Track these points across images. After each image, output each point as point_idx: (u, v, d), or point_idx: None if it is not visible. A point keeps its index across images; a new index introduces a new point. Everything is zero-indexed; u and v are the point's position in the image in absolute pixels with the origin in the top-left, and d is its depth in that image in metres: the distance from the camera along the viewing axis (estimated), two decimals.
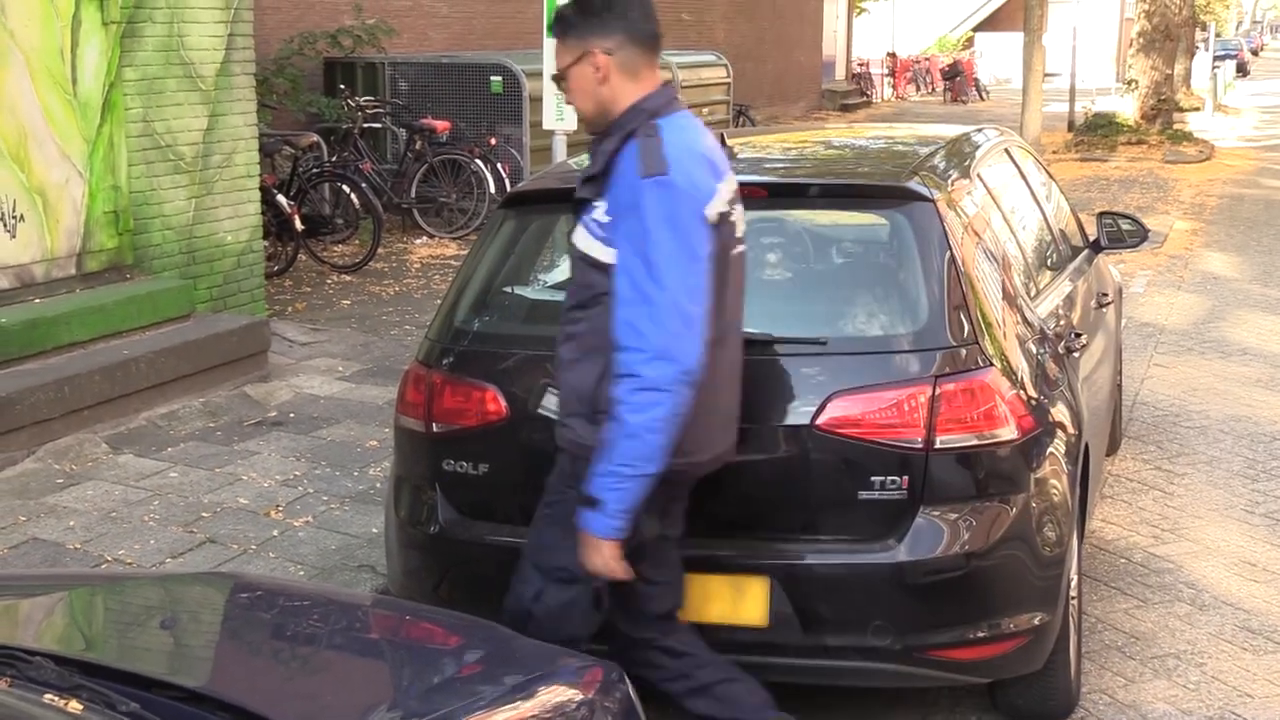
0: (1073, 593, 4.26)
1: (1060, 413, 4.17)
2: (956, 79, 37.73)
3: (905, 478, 3.69)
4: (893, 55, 39.77)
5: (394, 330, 9.29)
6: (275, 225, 10.51)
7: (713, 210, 3.29)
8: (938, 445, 3.69)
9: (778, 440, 3.76)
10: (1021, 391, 3.91)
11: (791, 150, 5.38)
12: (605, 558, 3.25)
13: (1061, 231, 5.73)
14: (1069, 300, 5.08)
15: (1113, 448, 6.60)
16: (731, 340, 3.44)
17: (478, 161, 12.64)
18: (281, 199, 10.48)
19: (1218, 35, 46.06)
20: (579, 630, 3.41)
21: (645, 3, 3.40)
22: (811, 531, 3.76)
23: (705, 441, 3.40)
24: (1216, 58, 35.32)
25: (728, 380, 3.45)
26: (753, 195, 4.23)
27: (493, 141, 13.06)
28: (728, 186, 3.40)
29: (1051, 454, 3.99)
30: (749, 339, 3.82)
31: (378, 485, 6.13)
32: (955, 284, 3.85)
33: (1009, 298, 4.20)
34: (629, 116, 3.34)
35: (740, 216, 3.46)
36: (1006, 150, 5.41)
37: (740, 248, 3.47)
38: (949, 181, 4.32)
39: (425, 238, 12.91)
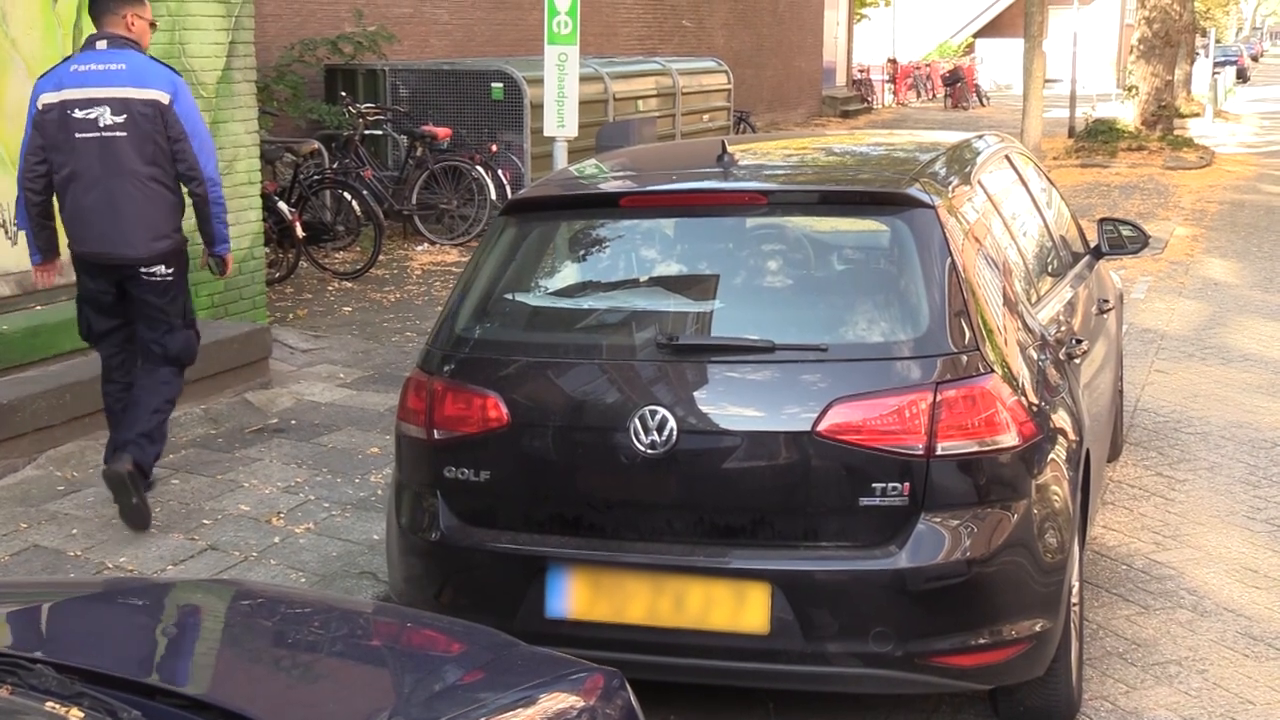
0: (1074, 599, 4.26)
1: (1061, 419, 4.18)
2: (957, 85, 37.74)
3: (906, 484, 3.69)
4: (893, 61, 39.79)
5: (395, 337, 9.30)
6: (276, 232, 10.52)
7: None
8: (939, 452, 3.69)
9: (779, 447, 3.76)
10: (1022, 398, 3.91)
11: (792, 157, 5.39)
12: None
13: (1062, 238, 5.73)
14: (1070, 306, 5.08)
15: (1114, 454, 6.60)
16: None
17: (479, 168, 12.65)
18: (283, 206, 10.48)
19: (1218, 41, 46.11)
20: None
21: None
22: (813, 538, 3.76)
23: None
24: (1216, 64, 35.33)
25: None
26: (753, 202, 4.26)
27: (494, 148, 13.07)
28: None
29: (1053, 460, 3.99)
30: (749, 345, 3.84)
31: (379, 492, 6.13)
32: (956, 290, 3.86)
33: (1010, 304, 4.21)
34: None
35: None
36: (1007, 156, 5.41)
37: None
38: (950, 188, 4.32)
39: (426, 244, 12.92)
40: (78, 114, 5.50)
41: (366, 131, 13.09)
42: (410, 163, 13.07)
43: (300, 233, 10.57)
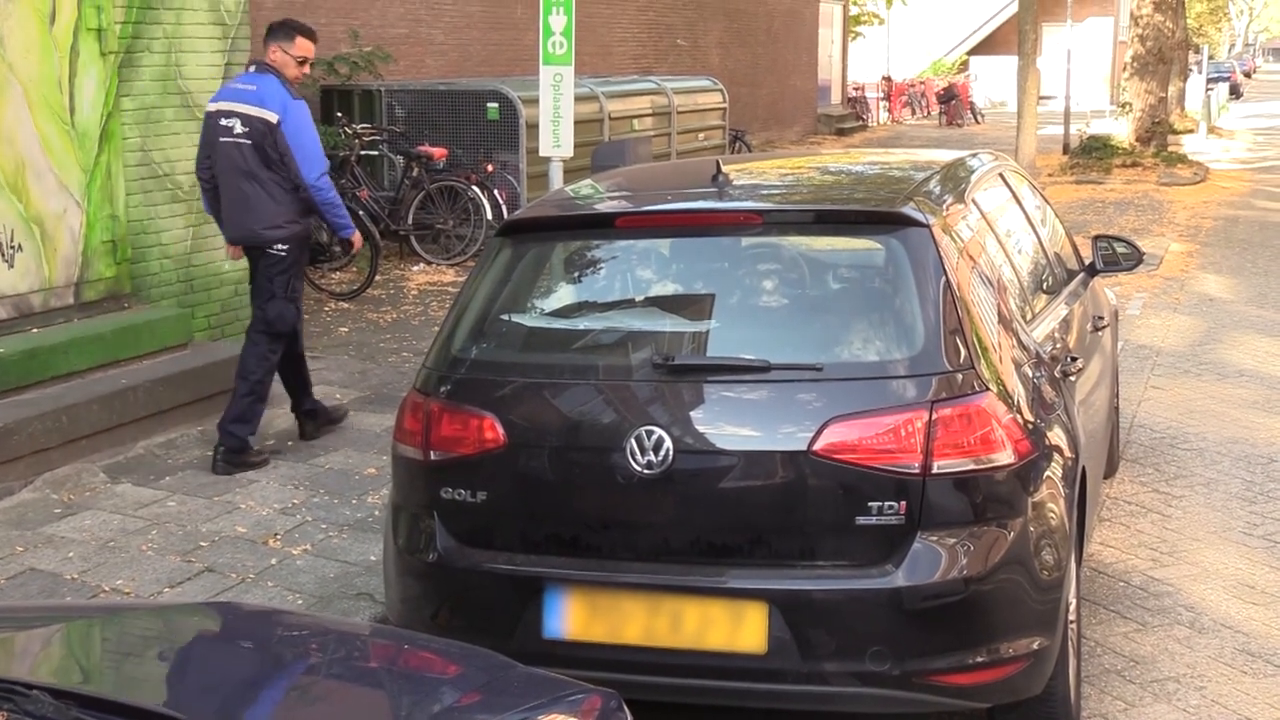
0: (1071, 616, 4.25)
1: (1057, 436, 4.18)
2: (952, 102, 37.86)
3: (903, 503, 3.69)
4: (888, 79, 39.91)
5: (391, 357, 9.30)
6: None
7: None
8: (935, 470, 3.69)
9: (775, 466, 3.77)
10: (1018, 416, 3.92)
11: (787, 176, 5.40)
12: None
13: (1057, 255, 5.75)
14: (1065, 324, 5.09)
15: (1110, 470, 6.60)
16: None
17: (475, 188, 12.67)
18: None
19: (1211, 58, 46.26)
20: None
21: None
22: (809, 557, 3.76)
23: None
24: (1210, 80, 35.47)
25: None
26: (748, 222, 4.27)
27: (490, 168, 13.09)
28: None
29: (1049, 478, 3.99)
30: (745, 365, 3.85)
31: (376, 513, 6.13)
32: (951, 309, 3.87)
33: (1005, 322, 4.21)
34: None
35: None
36: (1001, 175, 5.43)
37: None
38: (944, 206, 4.33)
39: (422, 265, 12.93)
40: (222, 122, 6.78)
41: (363, 152, 13.11)
42: (406, 183, 13.09)
43: None
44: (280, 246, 6.79)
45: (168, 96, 7.90)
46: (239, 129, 6.69)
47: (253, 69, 6.94)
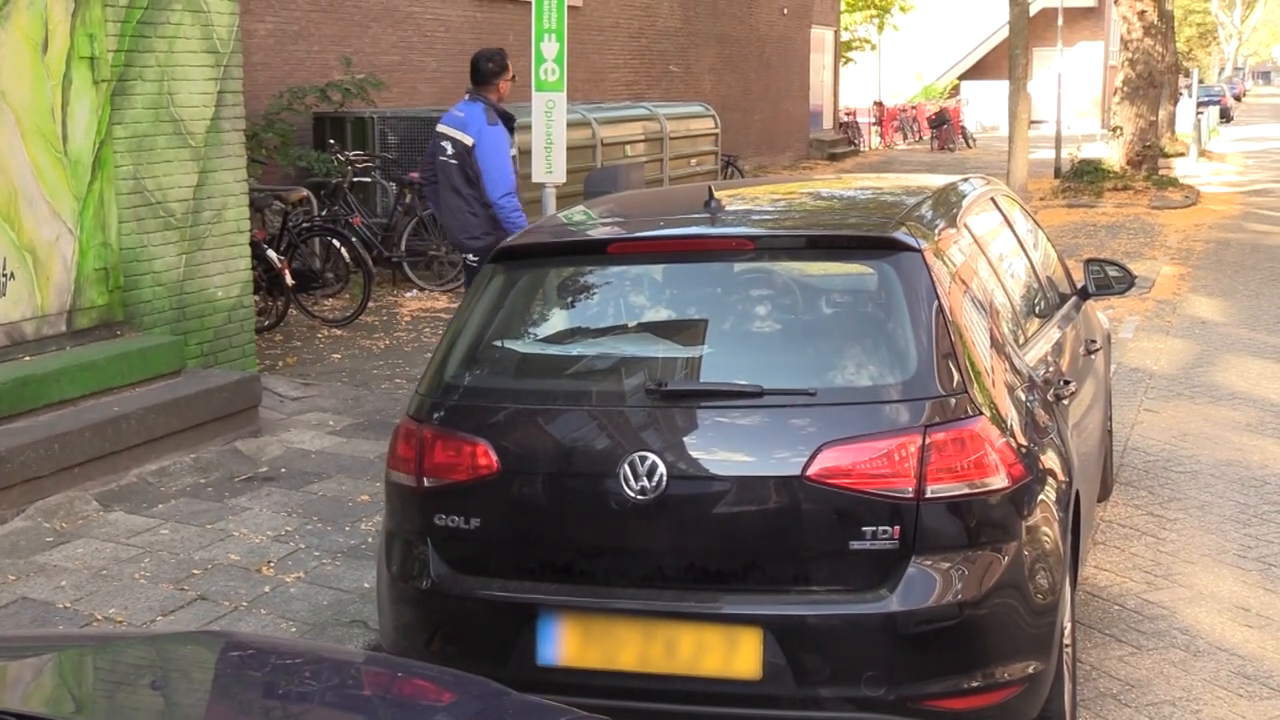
0: (1066, 640, 4.25)
1: (1050, 460, 4.18)
2: (943, 127, 37.99)
3: (896, 528, 3.69)
4: (880, 104, 40.05)
5: (385, 384, 9.30)
6: (266, 280, 10.53)
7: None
8: (928, 495, 3.69)
9: (769, 491, 3.77)
10: (1011, 440, 3.92)
11: (779, 202, 5.42)
12: None
13: (1049, 279, 5.76)
14: (1057, 347, 5.10)
15: (1104, 494, 6.60)
16: None
17: None
18: (272, 254, 10.51)
19: (1201, 81, 46.47)
20: None
21: None
22: (804, 583, 3.76)
23: None
24: (1200, 104, 35.60)
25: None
26: (740, 248, 4.28)
27: None
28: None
29: (1042, 501, 3.99)
30: (738, 390, 3.85)
31: (369, 540, 6.12)
32: (943, 333, 3.87)
33: (997, 346, 4.22)
34: None
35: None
36: (993, 199, 5.44)
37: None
38: (936, 231, 4.34)
39: (415, 291, 12.94)
40: (441, 143, 8.06)
41: (355, 179, 13.15)
42: (399, 209, 13.11)
43: (289, 280, 10.60)
44: (472, 256, 7.89)
45: (160, 124, 7.91)
46: (450, 150, 7.97)
47: (466, 97, 8.19)
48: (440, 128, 8.11)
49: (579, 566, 3.92)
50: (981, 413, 3.81)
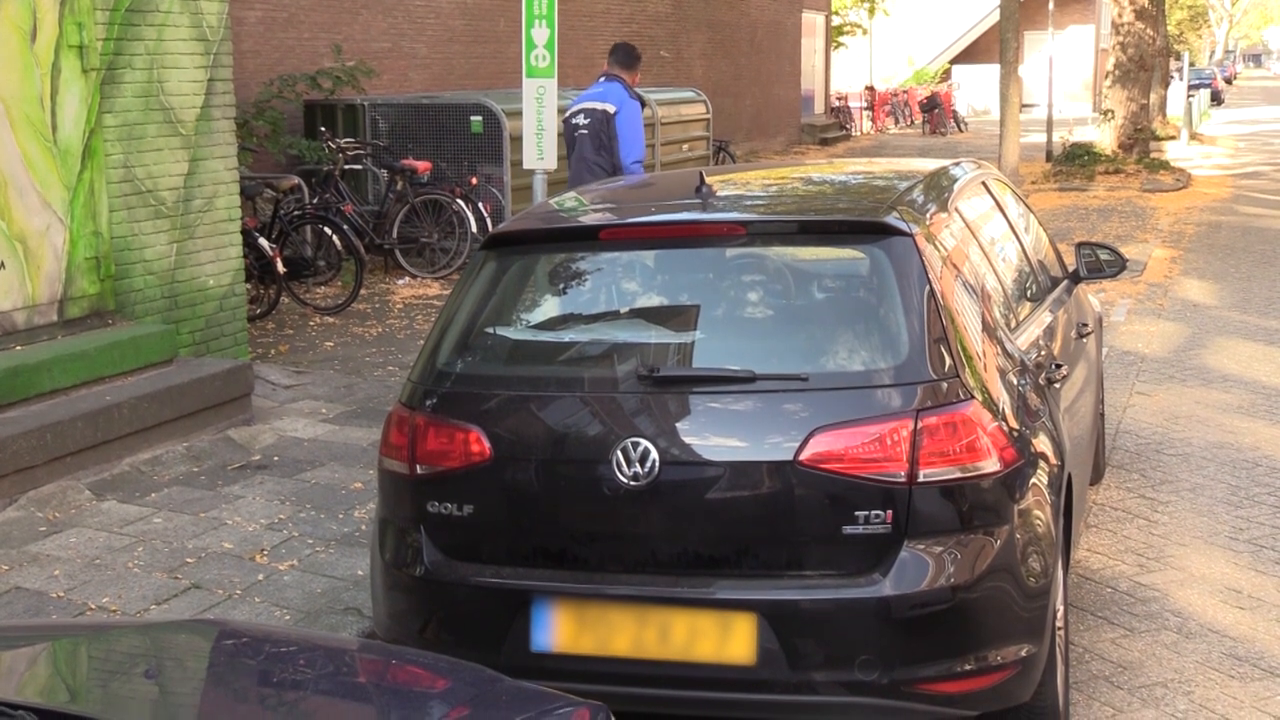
0: (1059, 623, 4.27)
1: (1042, 444, 4.19)
2: (935, 111, 37.97)
3: (889, 512, 3.70)
4: (871, 89, 40.02)
5: (377, 371, 9.29)
6: (257, 268, 10.52)
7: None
8: (920, 479, 3.70)
9: (761, 477, 3.77)
10: (1003, 423, 3.92)
11: (770, 187, 5.41)
12: None
13: (1040, 263, 5.77)
14: (1049, 331, 5.11)
15: (1096, 477, 6.62)
16: None
17: (459, 201, 12.67)
18: (263, 242, 10.48)
19: (1191, 65, 46.46)
20: None
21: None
22: (797, 567, 3.77)
23: None
24: (1191, 87, 35.63)
25: None
26: (732, 233, 4.28)
27: (474, 181, 13.10)
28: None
29: (1034, 485, 4.00)
30: (730, 376, 3.85)
31: (363, 528, 6.12)
32: (935, 317, 3.88)
33: (989, 330, 4.23)
34: None
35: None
36: (984, 183, 5.44)
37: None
38: (927, 215, 4.34)
39: (408, 278, 12.93)
40: (573, 120, 8.92)
41: (346, 166, 13.11)
42: (391, 197, 13.09)
43: (281, 268, 10.57)
44: None
45: (150, 113, 7.89)
46: (584, 121, 8.75)
47: (602, 79, 9.02)
48: (573, 106, 8.86)
49: (572, 553, 3.92)
50: (973, 397, 3.82)
